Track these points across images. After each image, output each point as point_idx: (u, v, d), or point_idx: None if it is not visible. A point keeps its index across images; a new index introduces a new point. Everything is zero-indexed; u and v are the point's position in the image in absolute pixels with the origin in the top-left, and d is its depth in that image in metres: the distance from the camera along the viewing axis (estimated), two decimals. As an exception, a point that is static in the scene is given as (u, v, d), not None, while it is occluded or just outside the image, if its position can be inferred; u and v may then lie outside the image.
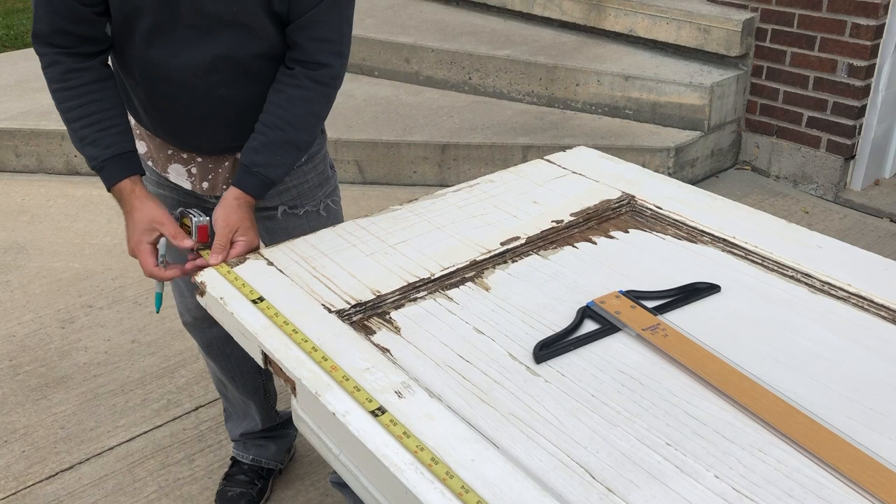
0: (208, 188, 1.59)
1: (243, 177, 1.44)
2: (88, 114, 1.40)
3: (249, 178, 1.44)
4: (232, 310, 1.19)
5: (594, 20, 3.93)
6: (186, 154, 1.57)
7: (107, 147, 1.41)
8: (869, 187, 3.53)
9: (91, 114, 1.40)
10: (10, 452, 2.19)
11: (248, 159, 1.44)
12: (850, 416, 0.99)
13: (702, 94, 3.48)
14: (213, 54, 1.39)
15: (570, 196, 1.52)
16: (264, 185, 1.45)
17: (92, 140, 1.40)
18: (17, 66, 4.60)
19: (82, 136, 1.41)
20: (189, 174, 1.59)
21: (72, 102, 1.40)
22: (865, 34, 3.19)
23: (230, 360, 1.84)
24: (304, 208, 1.65)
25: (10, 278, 2.98)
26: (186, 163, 1.58)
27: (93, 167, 1.43)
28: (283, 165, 1.46)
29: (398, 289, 1.25)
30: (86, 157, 1.42)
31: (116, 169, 1.42)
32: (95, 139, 1.40)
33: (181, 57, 1.39)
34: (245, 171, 1.44)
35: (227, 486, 1.99)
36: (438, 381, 1.06)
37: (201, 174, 1.58)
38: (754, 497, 0.88)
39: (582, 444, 0.95)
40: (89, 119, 1.40)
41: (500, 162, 3.49)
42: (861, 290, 1.23)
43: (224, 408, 2.02)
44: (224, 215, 1.40)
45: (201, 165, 1.57)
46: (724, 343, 1.12)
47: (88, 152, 1.41)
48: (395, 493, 0.92)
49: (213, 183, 1.59)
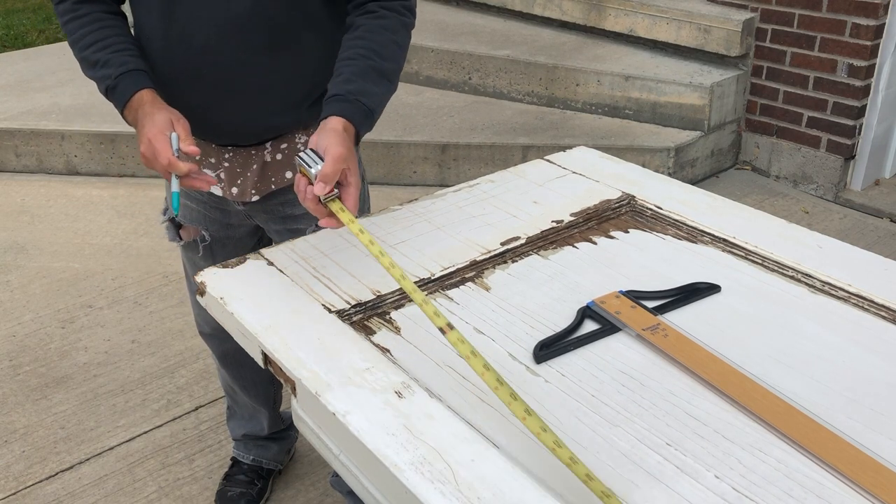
0: (238, 193, 1.54)
1: (341, 105, 1.26)
2: (101, 38, 1.38)
3: (348, 105, 1.26)
4: (232, 310, 1.19)
5: (594, 20, 3.93)
6: (214, 158, 1.52)
7: (120, 65, 1.36)
8: (869, 187, 3.53)
9: (104, 38, 1.38)
10: (10, 452, 2.19)
11: (340, 89, 1.28)
12: (850, 416, 0.99)
13: (702, 94, 3.49)
14: (237, 11, 1.34)
15: (570, 196, 1.52)
16: (366, 115, 1.28)
17: (105, 61, 1.36)
18: (17, 66, 4.60)
19: (95, 61, 1.37)
20: (219, 179, 1.54)
21: (83, 30, 1.38)
22: (865, 34, 3.19)
23: (244, 369, 1.84)
24: None
25: (10, 278, 2.98)
26: (215, 167, 1.53)
27: (106, 88, 1.37)
28: (378, 95, 1.31)
29: (398, 289, 1.25)
30: (98, 80, 1.38)
31: (131, 82, 1.35)
32: (108, 60, 1.36)
33: (202, 17, 1.35)
34: (340, 99, 1.27)
35: (228, 486, 1.99)
36: (438, 381, 1.06)
37: (230, 179, 1.53)
38: (754, 497, 0.88)
39: (582, 445, 0.95)
40: (102, 43, 1.37)
41: (500, 162, 3.49)
42: (861, 290, 1.23)
43: (228, 406, 2.01)
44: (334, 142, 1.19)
45: (229, 170, 1.53)
46: (724, 343, 1.12)
47: (101, 74, 1.36)
48: (395, 493, 0.92)
49: (243, 188, 1.54)
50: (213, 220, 1.62)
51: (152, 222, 3.34)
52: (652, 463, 0.92)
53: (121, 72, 1.35)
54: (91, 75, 1.39)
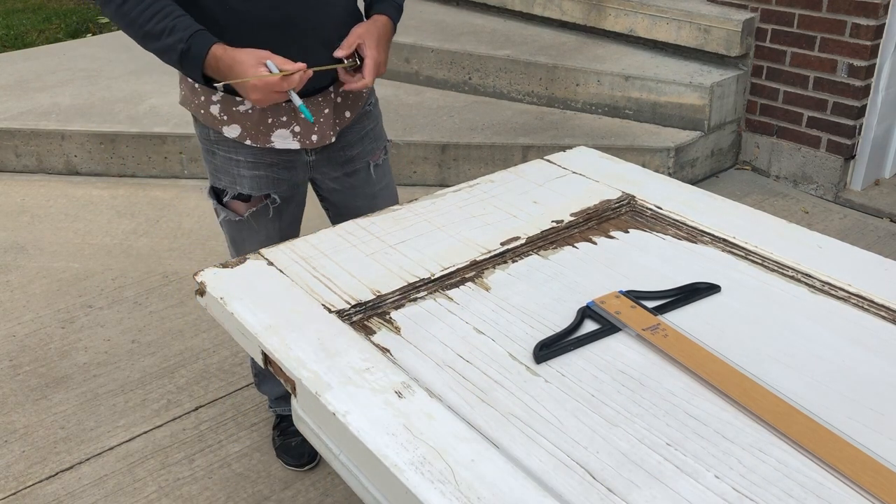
0: (318, 139, 1.63)
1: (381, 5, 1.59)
2: (158, 10, 1.41)
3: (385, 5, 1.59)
4: (232, 310, 1.19)
5: (594, 20, 3.93)
6: (286, 116, 1.59)
7: (186, 28, 1.41)
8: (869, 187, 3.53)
9: (161, 9, 1.42)
10: (10, 452, 2.19)
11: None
12: (850, 416, 0.99)
13: (702, 94, 3.48)
14: None
15: (570, 196, 1.52)
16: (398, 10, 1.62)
17: (171, 28, 1.41)
18: (17, 66, 4.60)
19: (160, 31, 1.41)
20: (294, 134, 1.61)
21: (139, 7, 1.41)
22: (865, 34, 3.19)
23: None
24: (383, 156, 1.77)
25: (10, 278, 2.98)
26: (288, 124, 1.60)
27: (180, 52, 1.42)
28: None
29: (398, 289, 1.25)
30: (168, 47, 1.42)
31: (203, 41, 1.42)
32: (173, 26, 1.41)
33: None
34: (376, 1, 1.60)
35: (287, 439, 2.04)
36: (438, 381, 1.06)
37: (307, 128, 1.61)
38: (754, 497, 0.88)
39: (582, 444, 0.95)
40: (161, 14, 1.41)
41: (500, 162, 3.49)
42: (861, 290, 1.23)
43: (255, 373, 2.04)
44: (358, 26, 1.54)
45: (304, 120, 1.60)
46: (724, 343, 1.12)
47: (171, 40, 1.41)
48: (395, 493, 0.92)
49: (321, 133, 1.63)
50: (281, 181, 1.69)
51: (152, 222, 3.34)
52: (652, 463, 0.92)
53: (190, 33, 1.41)
54: (157, 47, 1.43)
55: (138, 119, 3.81)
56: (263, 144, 1.61)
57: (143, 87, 4.21)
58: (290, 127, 1.60)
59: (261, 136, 1.61)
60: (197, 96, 1.61)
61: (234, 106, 1.59)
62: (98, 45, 4.99)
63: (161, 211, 3.43)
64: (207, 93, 1.59)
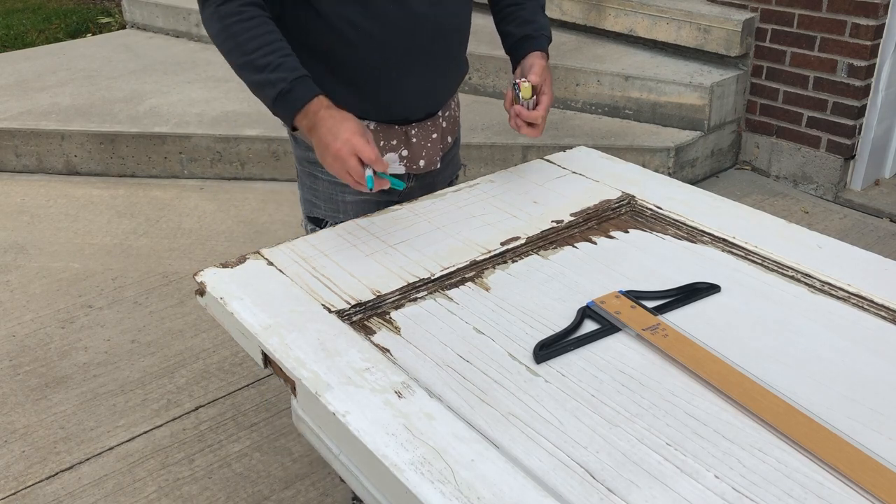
0: (425, 164, 1.59)
1: (536, 42, 1.55)
2: (268, 42, 1.35)
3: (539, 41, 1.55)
4: (232, 310, 1.19)
5: (594, 20, 3.93)
6: (397, 139, 1.54)
7: (293, 70, 1.34)
8: (869, 187, 3.53)
9: (271, 42, 1.35)
10: (10, 452, 2.19)
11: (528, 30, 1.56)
12: (850, 416, 0.99)
13: (702, 94, 3.48)
14: None
15: (570, 196, 1.52)
16: (549, 41, 1.58)
17: (276, 65, 1.33)
18: (18, 66, 4.60)
19: (264, 64, 1.33)
20: (401, 158, 1.56)
21: (250, 33, 1.34)
22: (865, 34, 3.19)
23: None
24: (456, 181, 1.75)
25: (10, 278, 2.98)
26: (396, 148, 1.55)
27: (279, 92, 1.33)
28: (547, 23, 1.60)
29: (398, 289, 1.25)
30: (267, 83, 1.34)
31: (308, 87, 1.34)
32: (279, 63, 1.33)
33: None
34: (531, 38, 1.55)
35: None
36: (438, 381, 1.06)
37: (414, 153, 1.57)
38: (754, 497, 0.88)
39: (582, 444, 0.95)
40: (270, 47, 1.34)
41: (500, 162, 3.49)
42: (861, 290, 1.23)
43: None
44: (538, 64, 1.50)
45: (415, 145, 1.56)
46: (724, 343, 1.12)
47: (273, 77, 1.33)
48: (395, 493, 0.92)
49: (429, 158, 1.59)
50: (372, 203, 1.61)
51: (152, 222, 3.34)
52: (652, 463, 0.92)
53: (296, 76, 1.33)
54: (255, 79, 1.35)
55: (138, 119, 3.81)
56: None
57: (143, 87, 4.21)
58: (399, 150, 1.56)
59: None
60: None
61: None
62: (98, 45, 5.00)
63: (161, 211, 3.43)
64: None
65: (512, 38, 1.59)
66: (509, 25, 1.60)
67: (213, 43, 1.40)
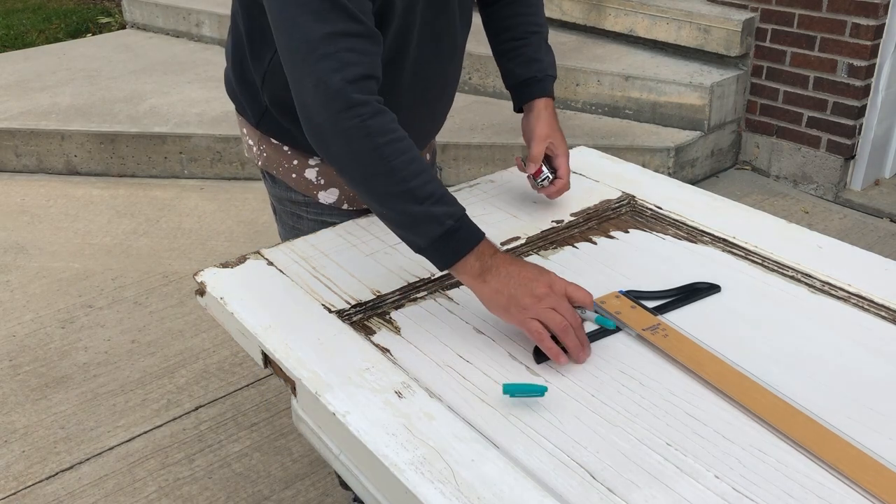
0: None
1: (539, 86, 1.45)
2: (425, 168, 1.13)
3: (543, 84, 1.45)
4: (232, 310, 1.19)
5: (594, 20, 3.93)
6: None
7: (454, 203, 1.14)
8: (869, 187, 3.53)
9: (426, 169, 1.14)
10: (10, 452, 2.19)
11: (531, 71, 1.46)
12: (850, 416, 0.99)
13: (702, 94, 3.48)
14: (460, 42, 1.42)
15: (570, 196, 1.52)
16: (553, 81, 1.48)
17: (440, 197, 1.12)
18: (17, 66, 4.60)
19: (428, 194, 1.11)
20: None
21: (407, 156, 1.12)
22: (865, 34, 3.19)
23: None
24: None
25: (10, 278, 2.98)
26: None
27: (447, 230, 1.11)
28: (553, 60, 1.49)
29: (398, 289, 1.25)
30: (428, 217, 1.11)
31: (473, 224, 1.14)
32: (442, 195, 1.13)
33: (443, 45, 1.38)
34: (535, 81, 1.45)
35: None
36: (438, 381, 1.06)
37: None
38: (754, 497, 0.88)
39: (582, 444, 0.95)
40: (429, 174, 1.13)
41: (500, 162, 3.49)
42: (861, 290, 1.23)
43: None
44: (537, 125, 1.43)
45: None
46: (724, 343, 1.12)
47: (436, 211, 1.11)
48: (395, 493, 0.92)
49: None
50: None
51: (152, 222, 3.34)
52: (652, 463, 0.92)
53: (462, 211, 1.14)
54: (414, 210, 1.11)
55: (138, 119, 3.81)
56: (360, 206, 1.46)
57: (143, 87, 4.21)
58: None
59: (358, 199, 1.46)
60: (288, 159, 1.42)
61: None
62: (98, 45, 5.00)
63: (161, 211, 3.43)
64: (302, 156, 1.41)
65: (514, 78, 1.48)
66: (511, 63, 1.49)
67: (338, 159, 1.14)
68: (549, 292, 1.08)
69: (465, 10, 1.41)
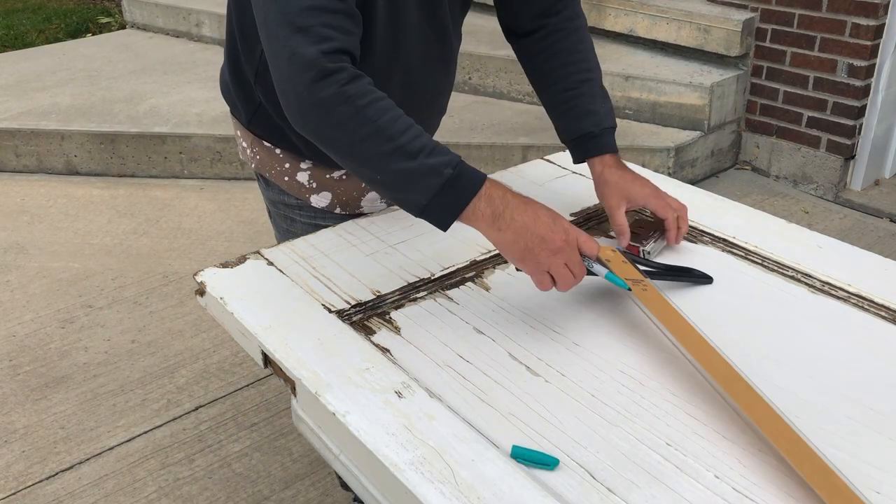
0: None
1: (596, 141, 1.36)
2: (411, 124, 1.12)
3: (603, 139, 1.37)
4: (232, 310, 1.19)
5: (594, 20, 3.93)
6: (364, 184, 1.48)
7: (448, 153, 1.13)
8: (869, 187, 3.53)
9: (412, 124, 1.12)
10: (10, 452, 2.19)
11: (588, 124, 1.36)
12: (850, 416, 0.99)
13: (702, 94, 3.48)
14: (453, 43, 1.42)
15: (570, 196, 1.52)
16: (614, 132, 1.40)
17: (432, 149, 1.11)
18: (17, 66, 4.60)
19: (419, 147, 1.10)
20: (381, 196, 1.49)
21: (391, 114, 1.10)
22: (865, 34, 3.19)
23: None
24: None
25: (10, 278, 2.98)
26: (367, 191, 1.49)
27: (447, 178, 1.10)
28: (611, 108, 1.41)
29: (398, 289, 1.25)
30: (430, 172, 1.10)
31: (472, 168, 1.13)
32: (435, 147, 1.12)
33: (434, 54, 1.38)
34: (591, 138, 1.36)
35: None
36: (438, 381, 1.06)
37: None
38: (754, 497, 0.88)
39: (582, 444, 0.95)
40: (415, 129, 1.12)
41: (500, 162, 3.49)
42: (861, 290, 1.23)
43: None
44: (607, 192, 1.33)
45: None
46: (723, 343, 1.12)
47: (434, 162, 1.10)
48: (395, 493, 0.92)
49: None
50: None
51: (152, 222, 3.34)
52: (652, 463, 0.92)
53: (457, 158, 1.12)
54: (408, 167, 1.09)
55: (138, 119, 3.81)
56: (353, 211, 1.47)
57: (143, 87, 4.21)
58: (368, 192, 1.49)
59: (351, 203, 1.46)
60: (280, 162, 1.42)
61: (328, 173, 1.42)
62: (98, 45, 4.99)
63: (161, 211, 3.43)
64: (294, 158, 1.41)
65: (569, 133, 1.39)
66: (566, 118, 1.40)
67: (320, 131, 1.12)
68: (564, 246, 1.10)
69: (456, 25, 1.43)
